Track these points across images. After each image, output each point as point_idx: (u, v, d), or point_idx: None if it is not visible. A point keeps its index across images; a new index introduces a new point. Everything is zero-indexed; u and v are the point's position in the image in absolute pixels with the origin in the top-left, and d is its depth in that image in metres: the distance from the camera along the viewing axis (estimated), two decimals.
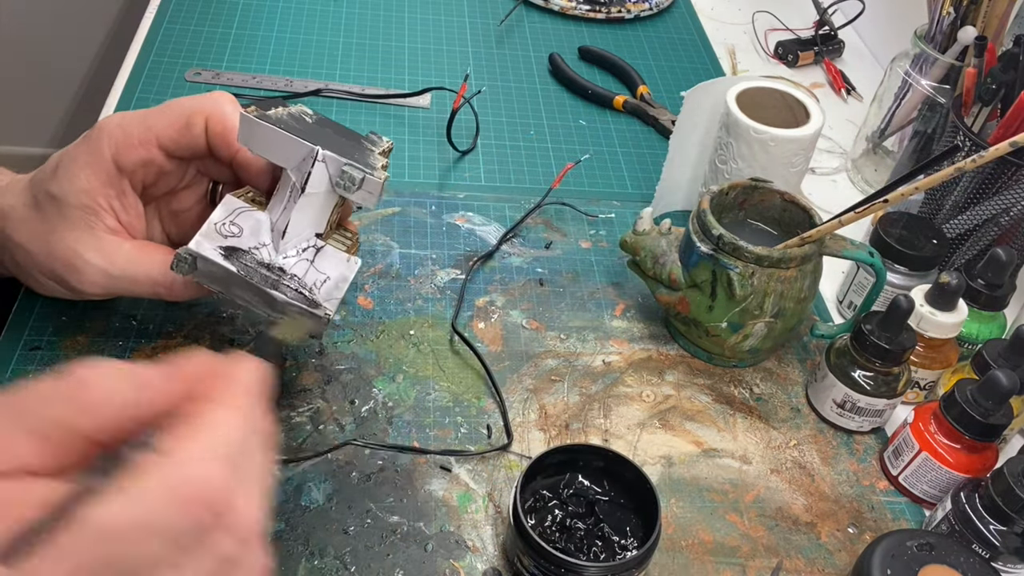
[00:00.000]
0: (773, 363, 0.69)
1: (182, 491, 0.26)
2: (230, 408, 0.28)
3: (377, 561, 0.53)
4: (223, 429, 0.27)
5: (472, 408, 0.62)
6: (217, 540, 0.27)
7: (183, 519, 0.26)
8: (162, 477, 0.26)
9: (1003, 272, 0.64)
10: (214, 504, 0.26)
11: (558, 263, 0.75)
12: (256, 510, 0.28)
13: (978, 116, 0.73)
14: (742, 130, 0.72)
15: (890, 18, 1.09)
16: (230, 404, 0.28)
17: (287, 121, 0.51)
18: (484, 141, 0.87)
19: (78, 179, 0.51)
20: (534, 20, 1.07)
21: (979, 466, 0.57)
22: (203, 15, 0.97)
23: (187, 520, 0.26)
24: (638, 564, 0.49)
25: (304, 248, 0.51)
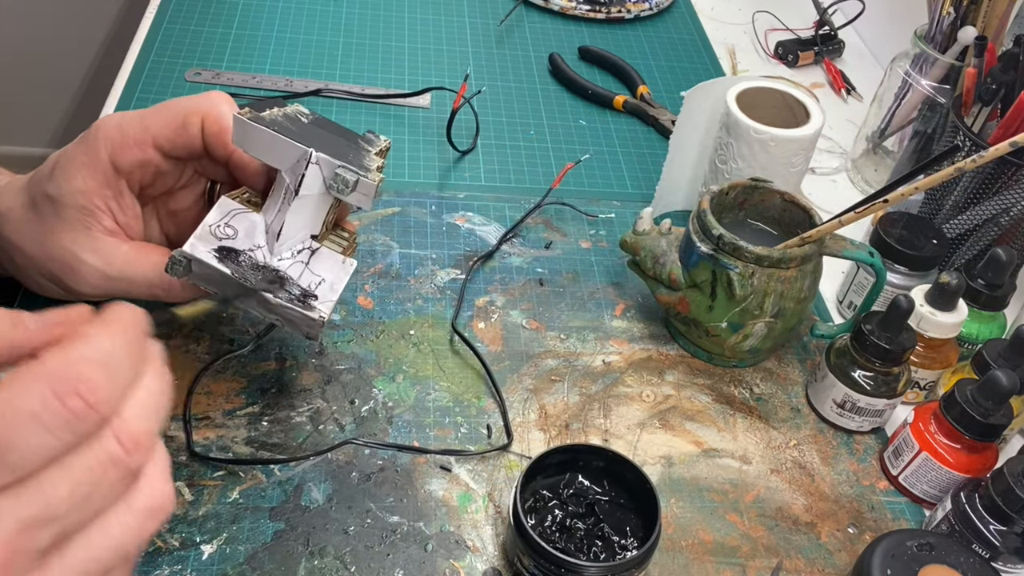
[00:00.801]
0: (773, 363, 0.69)
1: (53, 382, 0.26)
2: (106, 328, 0.28)
3: (377, 561, 0.53)
4: (97, 341, 0.27)
5: (472, 408, 0.62)
6: (102, 439, 0.27)
7: (56, 407, 0.26)
8: (32, 372, 0.26)
9: (1003, 272, 0.64)
10: (88, 396, 0.26)
11: (558, 263, 0.75)
12: (147, 424, 0.28)
13: (978, 116, 0.72)
14: (742, 130, 0.72)
15: (890, 18, 1.09)
16: (106, 328, 0.28)
17: (281, 122, 0.50)
18: (484, 141, 0.87)
19: (75, 180, 0.51)
20: (534, 20, 1.07)
21: (979, 466, 0.57)
22: (203, 15, 0.97)
23: (61, 409, 0.26)
24: (638, 564, 0.49)
25: (299, 250, 0.51)
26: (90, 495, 0.27)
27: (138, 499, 0.29)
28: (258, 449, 0.57)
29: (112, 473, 0.27)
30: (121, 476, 0.28)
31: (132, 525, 0.29)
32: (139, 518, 0.29)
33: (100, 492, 0.27)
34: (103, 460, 0.27)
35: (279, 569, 0.52)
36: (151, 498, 0.29)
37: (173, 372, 0.61)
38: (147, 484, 0.29)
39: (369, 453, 0.58)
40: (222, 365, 0.62)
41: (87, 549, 0.28)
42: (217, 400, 0.60)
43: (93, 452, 0.27)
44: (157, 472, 0.30)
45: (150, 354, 0.30)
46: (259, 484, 0.56)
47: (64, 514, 0.27)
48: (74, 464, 0.27)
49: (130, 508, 0.29)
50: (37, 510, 0.26)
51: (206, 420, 0.58)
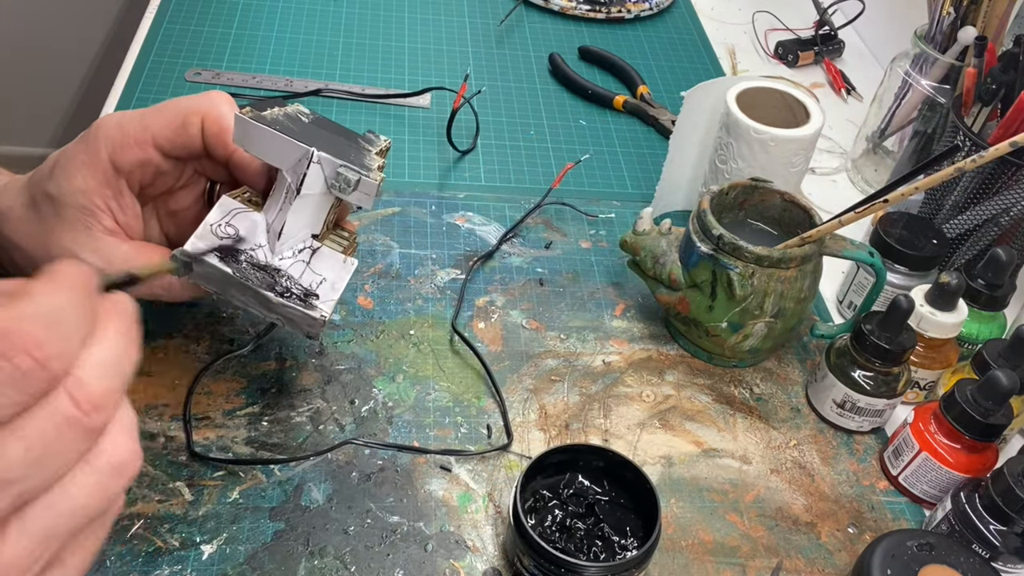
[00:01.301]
0: (773, 363, 0.69)
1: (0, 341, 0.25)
2: (50, 285, 0.27)
3: (377, 561, 0.53)
4: (41, 298, 0.26)
5: (472, 408, 0.62)
6: (55, 399, 0.26)
7: (2, 365, 0.25)
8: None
9: (1003, 272, 0.64)
10: (36, 353, 0.25)
11: (558, 263, 0.75)
12: (106, 382, 0.27)
13: (978, 116, 0.72)
14: (742, 130, 0.72)
15: (890, 18, 1.09)
16: (50, 284, 0.27)
17: (282, 122, 0.50)
18: (484, 141, 0.87)
19: (75, 179, 0.51)
20: (534, 20, 1.07)
21: (979, 466, 0.57)
22: (203, 15, 0.97)
23: (7, 367, 0.25)
24: (638, 564, 0.49)
25: (300, 249, 0.51)
26: (45, 457, 0.26)
27: (99, 457, 0.28)
28: (258, 449, 0.57)
29: (68, 434, 0.26)
30: (79, 436, 0.27)
31: (95, 486, 0.28)
32: (101, 476, 0.28)
33: (56, 453, 0.26)
34: (57, 421, 0.26)
35: (279, 569, 0.52)
36: (112, 455, 0.28)
37: (173, 372, 0.62)
38: (110, 443, 0.28)
39: (369, 453, 0.58)
40: (222, 365, 0.62)
41: (48, 510, 0.27)
42: (217, 400, 0.60)
43: (46, 412, 0.26)
44: (121, 430, 0.28)
45: (111, 310, 0.29)
46: (259, 484, 0.56)
47: (19, 477, 0.26)
48: (26, 426, 0.26)
49: (91, 466, 0.28)
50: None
51: (206, 420, 0.58)
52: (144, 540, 0.52)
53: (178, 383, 0.60)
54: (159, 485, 0.54)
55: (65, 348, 0.26)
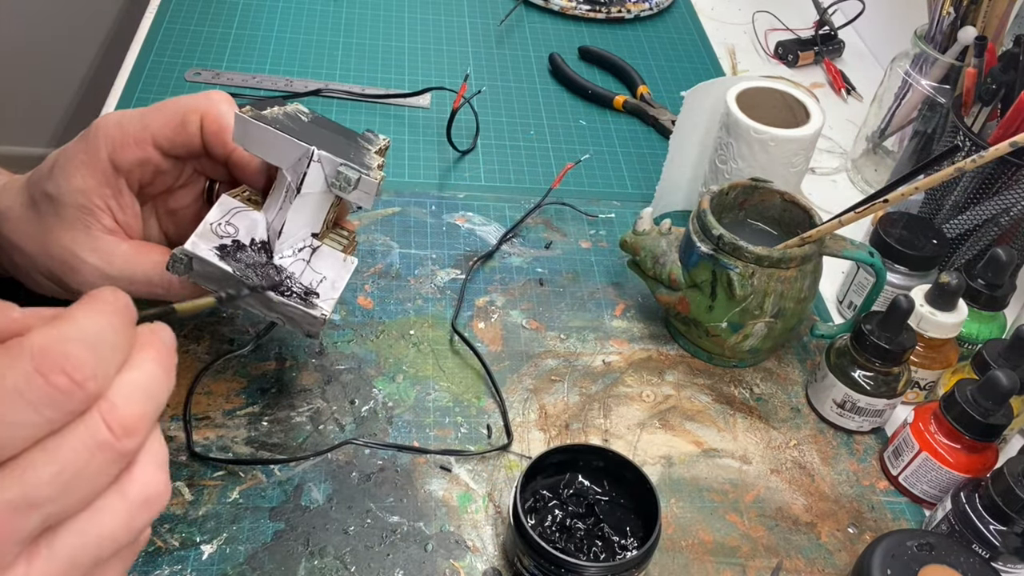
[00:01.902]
0: (773, 363, 0.69)
1: (37, 359, 0.25)
2: (91, 308, 0.27)
3: (377, 561, 0.53)
4: (82, 320, 0.26)
5: (472, 408, 0.62)
6: (89, 422, 0.26)
7: (39, 383, 0.25)
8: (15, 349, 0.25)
9: (1003, 272, 0.64)
10: (73, 374, 0.25)
11: (558, 263, 0.75)
12: (139, 408, 0.27)
13: (978, 116, 0.72)
14: (742, 130, 0.72)
15: (890, 18, 1.09)
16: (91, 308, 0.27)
17: (282, 121, 0.50)
18: (484, 141, 0.87)
19: (74, 179, 0.51)
20: (534, 20, 1.07)
21: (979, 466, 0.57)
22: (203, 15, 0.97)
23: (44, 385, 0.25)
24: (638, 564, 0.49)
25: (300, 248, 0.51)
26: (76, 480, 0.26)
27: (131, 488, 0.28)
28: (258, 449, 0.57)
29: (100, 458, 0.26)
30: (110, 461, 0.27)
31: (124, 515, 0.28)
32: (132, 508, 0.28)
33: (87, 477, 0.26)
34: (89, 444, 0.26)
35: (279, 569, 0.52)
36: (145, 487, 0.28)
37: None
38: (141, 473, 0.28)
39: (369, 453, 0.58)
40: (222, 365, 0.62)
41: (77, 536, 0.27)
42: (217, 400, 0.60)
43: (79, 435, 0.26)
44: (152, 460, 0.29)
45: (149, 338, 0.29)
46: (259, 484, 0.56)
47: (48, 499, 0.26)
48: (59, 447, 0.26)
49: (123, 497, 0.28)
50: (20, 493, 0.25)
51: (206, 420, 0.58)
52: None
53: (178, 383, 0.60)
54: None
55: (102, 370, 0.26)
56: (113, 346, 0.27)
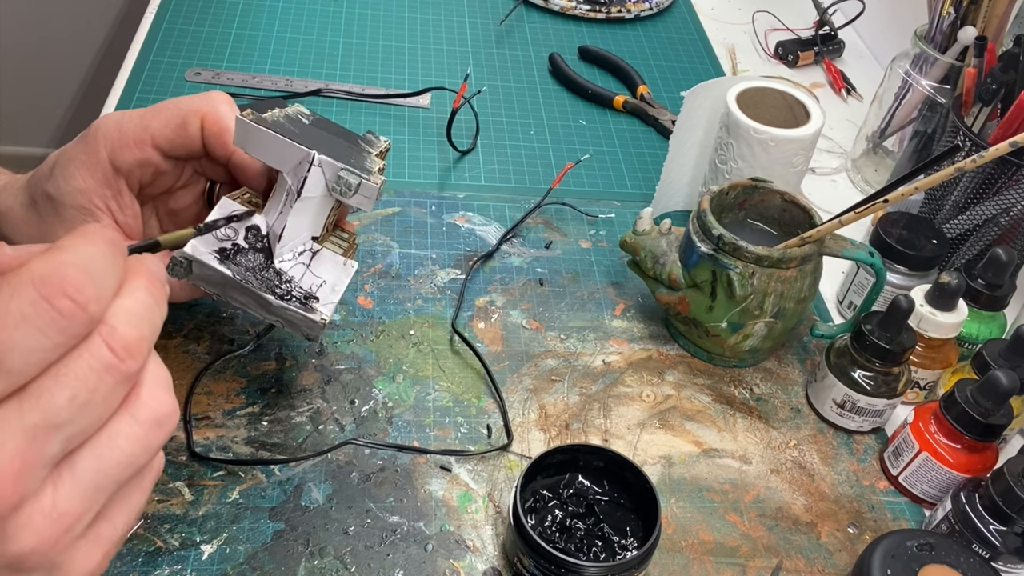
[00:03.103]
0: (773, 363, 0.69)
1: (40, 284, 0.26)
2: (83, 237, 0.28)
3: (377, 561, 0.53)
4: (76, 247, 0.27)
5: (472, 408, 0.62)
6: (92, 346, 0.27)
7: (45, 308, 0.26)
8: (18, 276, 0.26)
9: (1003, 272, 0.64)
10: (76, 296, 0.26)
11: (558, 263, 0.75)
12: (137, 331, 0.28)
13: (978, 116, 0.72)
14: (742, 130, 0.72)
15: (890, 18, 1.09)
16: (83, 237, 0.28)
17: (283, 124, 0.50)
18: (484, 141, 0.87)
19: (74, 179, 0.51)
20: (534, 20, 1.07)
21: (979, 466, 0.57)
22: (203, 15, 0.97)
23: (50, 309, 0.26)
24: (638, 564, 0.49)
25: (300, 252, 0.51)
26: (89, 402, 0.27)
27: (142, 410, 0.29)
28: (258, 449, 0.57)
29: (107, 379, 0.27)
30: (117, 382, 0.28)
31: (139, 435, 0.29)
32: (145, 428, 0.29)
33: (99, 399, 0.27)
34: (96, 367, 0.27)
35: (279, 569, 0.52)
36: (154, 409, 0.29)
37: (173, 372, 0.61)
38: (148, 395, 0.29)
39: (369, 453, 0.58)
40: (222, 365, 0.62)
41: (97, 460, 0.28)
42: (217, 400, 0.60)
43: (85, 359, 0.27)
44: (156, 383, 0.30)
45: (139, 268, 0.30)
46: (259, 484, 0.56)
47: (67, 421, 0.27)
48: (69, 371, 0.27)
49: (135, 419, 0.29)
50: (40, 418, 0.26)
51: (206, 420, 0.58)
52: (144, 540, 0.52)
53: (178, 383, 0.60)
54: (159, 485, 0.54)
55: (101, 293, 0.27)
56: (107, 272, 0.28)
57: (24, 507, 0.27)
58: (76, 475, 0.28)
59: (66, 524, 0.28)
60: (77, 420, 0.27)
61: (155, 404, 0.29)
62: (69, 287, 0.26)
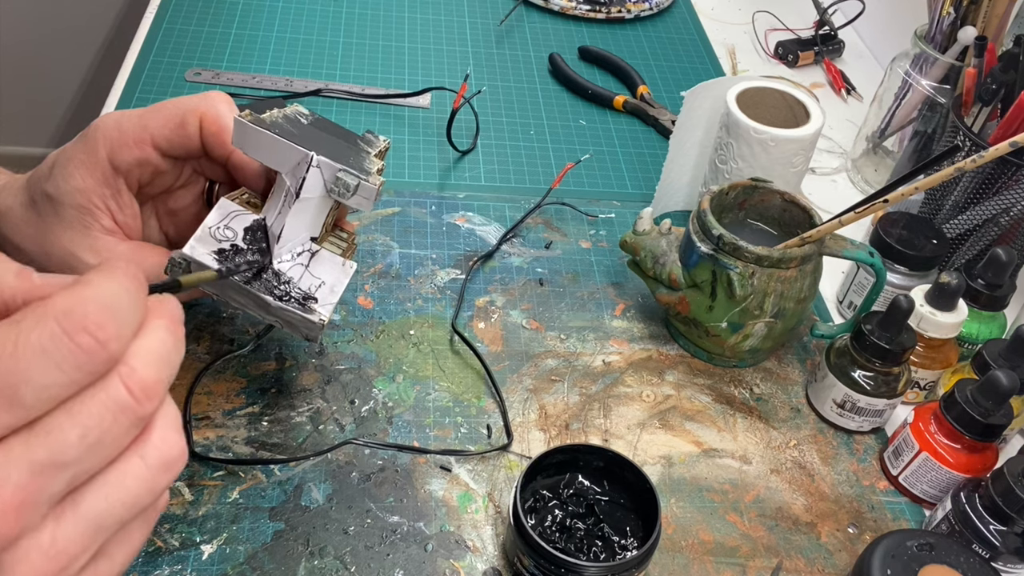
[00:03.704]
0: (773, 363, 0.69)
1: (61, 319, 0.26)
2: (107, 274, 0.28)
3: (377, 561, 0.53)
4: (100, 284, 0.27)
5: (472, 408, 0.62)
6: (109, 385, 0.27)
7: (65, 342, 0.25)
8: (40, 309, 0.26)
9: (1003, 272, 0.64)
10: (97, 333, 0.26)
11: (558, 263, 0.75)
12: (155, 373, 0.28)
13: (978, 116, 0.72)
14: (742, 130, 0.72)
15: (890, 18, 1.09)
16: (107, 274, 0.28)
17: (281, 124, 0.50)
18: (484, 141, 0.87)
19: (73, 179, 0.51)
20: (534, 20, 1.07)
21: (979, 466, 0.57)
22: (203, 15, 0.97)
23: (70, 344, 0.26)
24: (638, 564, 0.49)
25: (299, 252, 0.51)
26: (100, 442, 0.27)
27: (151, 452, 0.29)
28: (258, 449, 0.57)
29: (121, 420, 0.27)
30: (130, 424, 0.28)
31: (146, 477, 0.29)
32: (153, 470, 0.29)
33: (110, 439, 0.27)
34: (111, 407, 0.27)
35: (279, 569, 0.52)
36: (164, 452, 0.29)
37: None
38: (159, 437, 0.29)
39: (369, 453, 0.58)
40: (222, 365, 0.62)
41: (102, 500, 0.28)
42: (217, 400, 0.60)
43: (101, 398, 0.27)
44: (168, 424, 0.30)
45: (159, 308, 0.30)
46: (259, 484, 0.56)
47: (75, 460, 0.26)
48: (83, 409, 0.26)
49: (144, 460, 0.29)
50: (47, 454, 0.26)
51: (206, 420, 0.58)
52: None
53: (178, 383, 0.60)
54: None
55: (122, 332, 0.27)
56: (130, 311, 0.28)
57: (22, 542, 0.26)
58: (79, 513, 0.28)
59: (62, 563, 0.27)
60: (85, 459, 0.27)
61: (165, 447, 0.29)
62: (91, 324, 0.26)
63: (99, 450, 0.27)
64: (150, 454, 0.29)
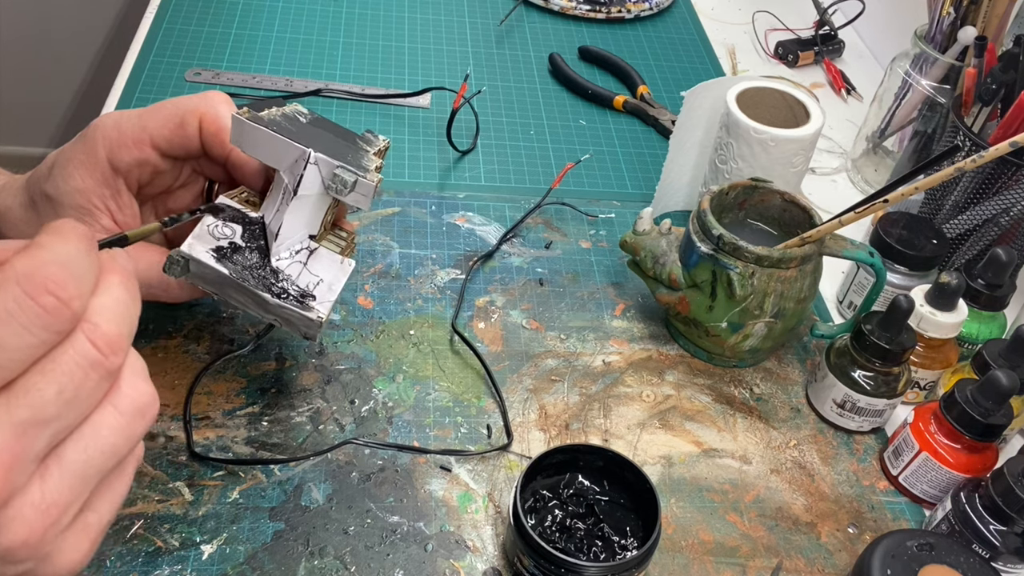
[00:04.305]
0: (773, 363, 0.69)
1: (23, 282, 0.26)
2: (58, 236, 0.28)
3: (377, 561, 0.53)
4: (54, 246, 0.28)
5: (472, 408, 0.62)
6: (76, 342, 0.28)
7: (30, 305, 0.26)
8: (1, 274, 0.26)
9: (1003, 272, 0.64)
10: (59, 292, 0.27)
11: (558, 263, 0.75)
12: (118, 327, 0.29)
13: (978, 116, 0.72)
14: (742, 130, 0.72)
15: (890, 18, 1.09)
16: (58, 235, 0.28)
17: (279, 122, 0.50)
18: (484, 141, 0.87)
19: (73, 179, 0.51)
20: (534, 20, 1.07)
21: (979, 466, 0.57)
22: (203, 15, 0.97)
23: (34, 306, 0.26)
24: (638, 564, 0.49)
25: (297, 250, 0.51)
26: (75, 397, 0.28)
27: (123, 401, 0.30)
28: (258, 449, 0.57)
29: (92, 375, 0.28)
30: (100, 377, 0.29)
31: (122, 425, 0.30)
32: (127, 417, 0.30)
33: (84, 394, 0.28)
34: (82, 363, 0.28)
35: (279, 569, 0.52)
36: (135, 399, 0.30)
37: (173, 372, 0.62)
38: (129, 386, 0.30)
39: (369, 453, 0.58)
40: (222, 365, 0.62)
41: (82, 452, 0.29)
42: (217, 400, 0.60)
43: (70, 355, 0.28)
44: (136, 373, 0.31)
45: (111, 264, 0.30)
46: (259, 484, 0.56)
47: (54, 417, 0.27)
48: (55, 367, 0.27)
49: (117, 409, 0.30)
50: (29, 413, 0.27)
51: (206, 420, 0.58)
52: (144, 540, 0.52)
53: (178, 383, 0.60)
54: (159, 485, 0.54)
55: (82, 289, 0.28)
56: (86, 269, 0.28)
57: (14, 500, 0.27)
58: (63, 467, 0.29)
59: (54, 516, 0.28)
60: (64, 415, 0.28)
61: (135, 394, 0.30)
62: (52, 284, 0.27)
63: (76, 405, 0.28)
64: (122, 403, 0.30)
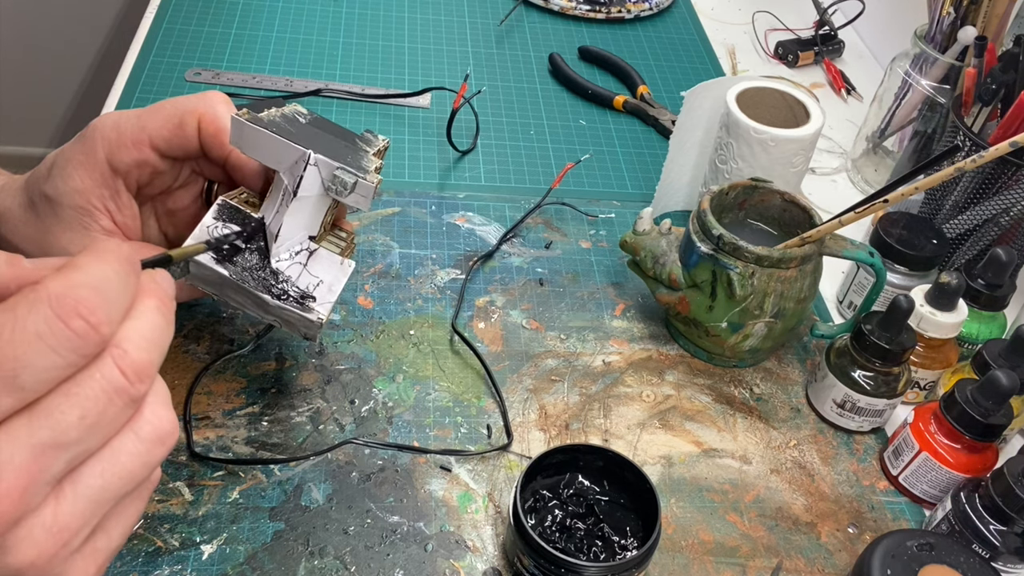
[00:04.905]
0: (773, 363, 0.69)
1: (54, 304, 0.26)
2: (97, 257, 0.28)
3: (377, 561, 0.53)
4: (90, 267, 0.28)
5: (472, 408, 0.62)
6: (104, 368, 0.28)
7: (59, 327, 0.26)
8: (33, 294, 0.26)
9: (1003, 272, 0.64)
10: (89, 317, 0.27)
11: (558, 263, 0.75)
12: (147, 355, 0.29)
13: (978, 116, 0.72)
14: (742, 130, 0.72)
15: (890, 18, 1.09)
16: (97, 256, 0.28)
17: (279, 123, 0.50)
18: (484, 141, 0.87)
19: (72, 179, 0.51)
20: (534, 20, 1.07)
21: (979, 466, 0.57)
22: (203, 15, 0.97)
23: (64, 329, 0.26)
24: (638, 564, 0.49)
25: (297, 251, 0.51)
26: (97, 422, 0.28)
27: (144, 427, 0.30)
28: (258, 449, 0.57)
29: (117, 401, 0.28)
30: (125, 404, 0.28)
31: (141, 452, 0.30)
32: (147, 445, 0.30)
33: (106, 420, 0.28)
34: (107, 388, 0.28)
35: (279, 569, 0.52)
36: (157, 427, 0.30)
37: (173, 372, 0.61)
38: (151, 413, 0.30)
39: (369, 453, 0.58)
40: (222, 365, 0.62)
41: (99, 477, 0.29)
42: (217, 400, 0.60)
43: (96, 380, 0.28)
44: (159, 401, 0.30)
45: (150, 286, 0.30)
46: (259, 484, 0.56)
47: (74, 441, 0.27)
48: (80, 391, 0.27)
49: (137, 436, 0.30)
50: (50, 436, 0.27)
51: (206, 420, 0.58)
52: (144, 540, 0.52)
53: (178, 383, 0.60)
54: (159, 485, 0.54)
55: (113, 315, 0.28)
56: (120, 292, 0.28)
57: (25, 521, 0.27)
58: (78, 491, 0.28)
59: (65, 538, 0.28)
60: (85, 439, 0.28)
61: (157, 422, 0.30)
62: (83, 308, 0.27)
63: (97, 430, 0.28)
64: (143, 430, 0.30)
